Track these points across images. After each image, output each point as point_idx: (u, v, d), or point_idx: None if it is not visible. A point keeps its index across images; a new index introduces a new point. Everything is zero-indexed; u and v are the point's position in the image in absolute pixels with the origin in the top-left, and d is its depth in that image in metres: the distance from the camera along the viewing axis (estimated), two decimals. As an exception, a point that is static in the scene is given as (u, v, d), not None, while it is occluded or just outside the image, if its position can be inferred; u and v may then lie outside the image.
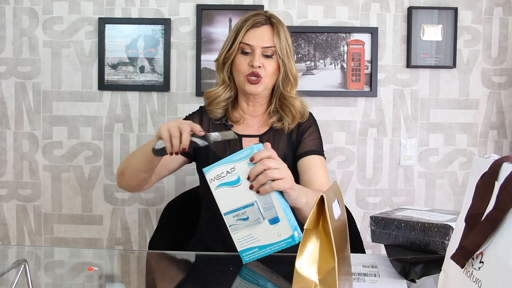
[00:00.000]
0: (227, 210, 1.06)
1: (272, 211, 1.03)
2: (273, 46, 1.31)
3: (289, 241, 1.03)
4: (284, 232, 1.03)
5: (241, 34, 1.31)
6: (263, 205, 1.03)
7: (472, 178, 0.74)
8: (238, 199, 1.04)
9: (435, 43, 2.05)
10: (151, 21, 2.04)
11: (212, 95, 1.40)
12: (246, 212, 1.04)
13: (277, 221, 1.03)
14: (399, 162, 2.09)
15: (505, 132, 2.09)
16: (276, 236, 1.03)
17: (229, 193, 1.04)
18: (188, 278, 1.09)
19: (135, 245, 2.11)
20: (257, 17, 1.32)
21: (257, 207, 1.03)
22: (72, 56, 2.07)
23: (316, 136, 1.41)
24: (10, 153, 2.09)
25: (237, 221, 1.05)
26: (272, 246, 1.04)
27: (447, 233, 0.94)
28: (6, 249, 1.42)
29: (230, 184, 1.04)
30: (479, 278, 0.66)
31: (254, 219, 1.04)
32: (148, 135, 2.08)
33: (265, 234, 1.04)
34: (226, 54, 1.34)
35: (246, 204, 1.04)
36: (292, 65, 1.35)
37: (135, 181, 1.32)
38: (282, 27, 1.34)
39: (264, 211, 1.03)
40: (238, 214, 1.05)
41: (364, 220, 2.08)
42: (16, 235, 2.11)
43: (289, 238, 1.02)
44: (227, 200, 1.05)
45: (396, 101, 2.08)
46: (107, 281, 1.03)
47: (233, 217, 1.05)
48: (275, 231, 1.03)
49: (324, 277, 0.74)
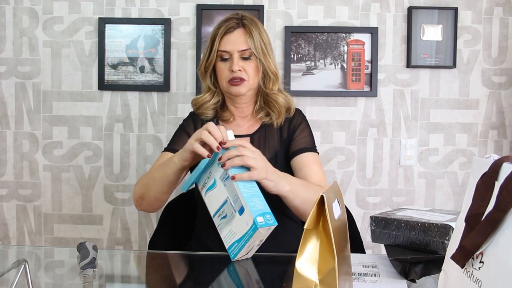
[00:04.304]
0: (213, 213, 1.11)
1: (238, 202, 1.04)
2: (248, 48, 1.32)
3: (253, 227, 1.02)
4: (249, 220, 1.03)
5: (217, 41, 1.33)
6: (232, 198, 1.06)
7: (472, 178, 0.74)
8: (217, 200, 1.09)
9: (435, 43, 2.05)
10: (151, 21, 2.04)
11: (199, 101, 1.43)
12: (224, 210, 1.08)
13: (243, 211, 1.04)
14: (399, 162, 2.09)
15: (505, 132, 2.09)
16: (245, 226, 1.03)
17: (212, 196, 1.11)
18: (188, 278, 1.09)
19: (135, 245, 2.11)
20: (229, 22, 1.34)
21: (230, 202, 1.06)
22: (72, 56, 2.07)
23: (307, 133, 1.42)
24: (10, 153, 2.09)
25: (221, 220, 1.09)
26: (244, 236, 1.04)
27: (447, 233, 0.93)
28: (6, 249, 1.42)
29: (210, 188, 1.11)
30: (479, 278, 0.66)
31: (230, 214, 1.06)
32: (148, 135, 2.08)
33: (239, 227, 1.05)
34: (206, 63, 1.37)
35: (222, 202, 1.08)
36: (270, 62, 1.36)
37: (158, 204, 1.32)
38: (255, 26, 1.35)
39: (234, 204, 1.05)
40: (220, 214, 1.09)
41: (364, 220, 2.08)
42: (16, 235, 2.12)
43: (252, 225, 1.02)
44: (211, 203, 1.11)
45: (396, 101, 2.08)
46: (107, 281, 1.03)
47: (218, 217, 1.10)
48: (243, 221, 1.04)
49: (324, 277, 0.74)
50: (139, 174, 2.08)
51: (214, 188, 1.10)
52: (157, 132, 2.08)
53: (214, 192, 1.10)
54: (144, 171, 2.08)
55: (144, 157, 2.09)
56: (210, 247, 1.34)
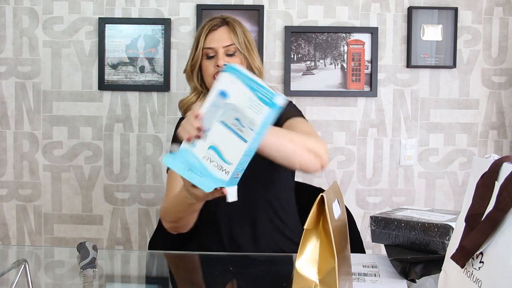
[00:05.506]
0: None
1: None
2: (233, 43, 1.33)
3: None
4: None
5: (202, 40, 1.34)
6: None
7: (472, 178, 0.74)
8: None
9: (435, 43, 2.05)
10: (151, 21, 2.04)
11: (185, 102, 1.42)
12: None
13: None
14: (399, 162, 2.09)
15: (505, 132, 2.09)
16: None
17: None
18: (188, 278, 1.09)
19: (135, 245, 2.11)
20: (212, 21, 1.36)
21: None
22: (72, 56, 2.07)
23: (294, 108, 1.41)
24: (10, 153, 2.09)
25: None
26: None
27: (447, 233, 0.94)
28: (6, 249, 1.42)
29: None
30: (479, 278, 0.66)
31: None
32: (148, 135, 2.08)
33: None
34: (192, 62, 1.37)
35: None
36: (254, 58, 1.37)
37: (190, 225, 1.27)
38: (238, 25, 1.37)
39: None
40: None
41: (364, 220, 2.08)
42: (16, 235, 2.11)
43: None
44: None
45: (396, 101, 2.08)
46: (107, 281, 1.03)
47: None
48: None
49: (324, 277, 0.74)
50: (139, 174, 2.09)
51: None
52: (157, 132, 2.08)
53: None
54: (144, 171, 2.09)
55: (144, 157, 2.09)
56: (210, 247, 1.34)
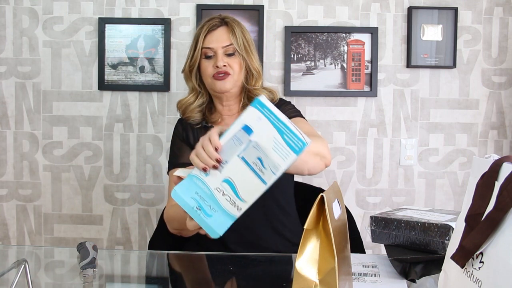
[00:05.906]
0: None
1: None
2: (232, 43, 1.33)
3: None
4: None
5: (201, 40, 1.34)
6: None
7: (472, 178, 0.74)
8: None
9: (435, 43, 2.05)
10: (151, 21, 2.04)
11: (183, 103, 1.42)
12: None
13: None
14: (399, 162, 2.09)
15: (505, 132, 2.09)
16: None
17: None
18: (188, 278, 1.09)
19: (135, 245, 2.11)
20: (211, 21, 1.36)
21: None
22: (72, 56, 2.07)
23: (292, 107, 1.42)
24: (10, 153, 2.09)
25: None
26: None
27: (447, 233, 0.94)
28: (6, 249, 1.42)
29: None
30: (479, 278, 0.66)
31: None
32: (148, 135, 2.08)
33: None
34: (190, 62, 1.37)
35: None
36: (253, 59, 1.37)
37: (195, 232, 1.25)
38: (237, 25, 1.37)
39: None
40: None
41: (364, 220, 2.08)
42: (16, 235, 2.12)
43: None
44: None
45: (396, 101, 2.08)
46: (107, 281, 1.03)
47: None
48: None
49: (324, 277, 0.74)
50: (139, 174, 2.08)
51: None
52: (157, 132, 2.08)
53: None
54: (144, 171, 2.08)
55: (144, 157, 2.09)
56: (210, 247, 1.34)
